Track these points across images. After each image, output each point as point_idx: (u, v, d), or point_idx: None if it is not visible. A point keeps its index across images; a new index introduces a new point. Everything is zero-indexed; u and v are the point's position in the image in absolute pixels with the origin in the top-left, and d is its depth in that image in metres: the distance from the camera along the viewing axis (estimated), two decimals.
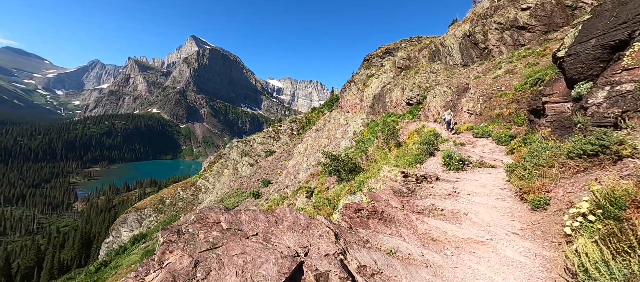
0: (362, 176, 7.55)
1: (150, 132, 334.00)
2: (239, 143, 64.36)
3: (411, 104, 30.41)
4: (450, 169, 6.86)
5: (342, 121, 40.40)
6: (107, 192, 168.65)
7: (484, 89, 16.17)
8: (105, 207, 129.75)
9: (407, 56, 45.42)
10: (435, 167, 7.10)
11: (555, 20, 27.77)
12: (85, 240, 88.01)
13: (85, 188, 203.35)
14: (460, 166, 6.87)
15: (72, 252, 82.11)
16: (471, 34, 34.64)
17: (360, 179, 7.27)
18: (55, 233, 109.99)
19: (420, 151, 8.07)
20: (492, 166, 6.94)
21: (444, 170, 6.80)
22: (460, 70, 32.84)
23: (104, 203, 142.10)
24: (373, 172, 7.45)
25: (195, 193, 59.50)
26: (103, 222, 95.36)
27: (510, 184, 5.31)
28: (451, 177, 6.22)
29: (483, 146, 9.40)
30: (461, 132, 14.23)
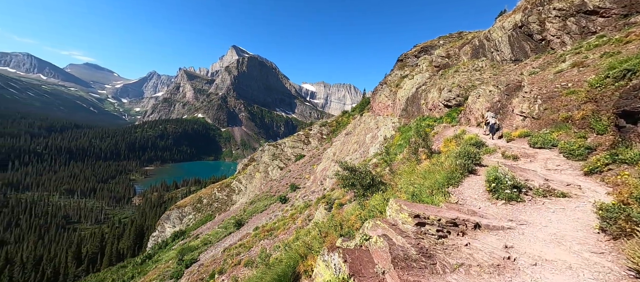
0: (377, 198, 6.05)
1: (196, 135, 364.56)
2: (270, 146, 65.72)
3: (450, 106, 27.28)
4: (498, 197, 4.81)
5: (373, 125, 38.29)
6: (159, 189, 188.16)
7: (542, 87, 13.26)
8: (156, 203, 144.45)
9: (445, 54, 41.54)
10: (476, 194, 5.24)
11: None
12: (138, 232, 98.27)
13: (142, 184, 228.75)
14: (515, 194, 4.72)
15: (128, 242, 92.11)
16: (524, 25, 30.17)
17: (375, 203, 5.79)
18: (117, 224, 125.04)
19: (456, 167, 6.26)
20: (565, 195, 4.75)
21: (488, 199, 4.89)
22: (510, 66, 28.65)
23: (155, 199, 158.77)
24: (390, 193, 5.99)
25: (229, 194, 62.08)
26: (154, 216, 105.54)
27: (612, 242, 3.27)
28: (500, 217, 4.17)
29: (546, 161, 7.13)
30: (512, 140, 11.68)
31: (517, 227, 3.74)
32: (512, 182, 4.77)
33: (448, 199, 4.70)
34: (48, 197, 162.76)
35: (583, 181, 5.51)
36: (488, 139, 13.03)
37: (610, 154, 5.61)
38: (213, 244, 33.88)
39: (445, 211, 3.81)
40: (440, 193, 5.03)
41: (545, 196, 4.66)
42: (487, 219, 3.97)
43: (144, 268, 41.02)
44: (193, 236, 47.32)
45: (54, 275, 74.98)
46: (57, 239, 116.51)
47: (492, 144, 10.85)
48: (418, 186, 5.73)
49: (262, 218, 34.32)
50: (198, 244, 36.64)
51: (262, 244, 15.77)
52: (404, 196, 5.37)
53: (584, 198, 4.64)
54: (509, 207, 4.62)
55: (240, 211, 47.36)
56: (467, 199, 5.00)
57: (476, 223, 3.59)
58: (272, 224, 21.79)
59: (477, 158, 7.03)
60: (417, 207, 3.54)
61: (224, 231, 38.22)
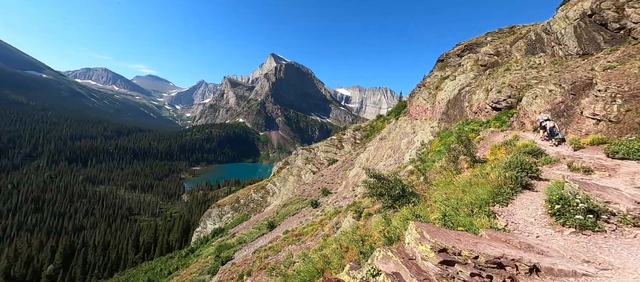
0: (401, 215, 5.21)
1: (237, 139, 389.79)
2: (303, 150, 66.57)
3: (499, 108, 24.31)
4: (565, 224, 3.62)
5: (409, 130, 36.12)
6: (204, 188, 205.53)
7: (623, 83, 10.86)
8: (201, 200, 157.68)
9: (494, 51, 37.56)
10: (532, 217, 4.04)
11: None
12: (185, 226, 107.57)
13: (190, 183, 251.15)
14: (590, 222, 3.47)
15: (176, 235, 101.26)
16: (595, 13, 25.83)
17: (397, 222, 4.94)
18: (169, 218, 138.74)
19: (505, 180, 5.08)
20: None
21: (550, 225, 3.70)
22: (577, 61, 24.52)
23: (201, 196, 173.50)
24: (421, 207, 5.12)
25: (264, 196, 64.25)
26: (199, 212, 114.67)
27: None
28: (570, 254, 2.91)
29: (632, 176, 5.48)
30: (581, 148, 9.66)
31: (598, 272, 2.53)
32: (586, 204, 3.56)
33: (492, 223, 3.71)
34: (116, 190, 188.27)
35: None
36: (548, 146, 11.01)
37: None
38: (247, 244, 35.10)
39: (486, 244, 2.79)
40: (482, 214, 4.05)
41: (638, 226, 3.38)
42: (549, 257, 2.82)
43: (186, 261, 44.33)
44: (230, 234, 49.87)
45: (117, 260, 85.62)
46: (122, 227, 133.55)
47: (554, 152, 9.04)
48: (454, 201, 4.77)
49: (293, 221, 34.60)
50: (234, 243, 38.35)
51: (289, 249, 15.62)
52: (436, 214, 4.50)
53: None
54: (582, 239, 3.36)
55: (273, 213, 48.60)
56: (520, 223, 3.89)
57: (533, 265, 2.45)
58: (302, 229, 21.61)
59: (534, 170, 5.73)
60: (445, 236, 2.64)
61: (258, 232, 39.46)
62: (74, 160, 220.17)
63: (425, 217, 4.59)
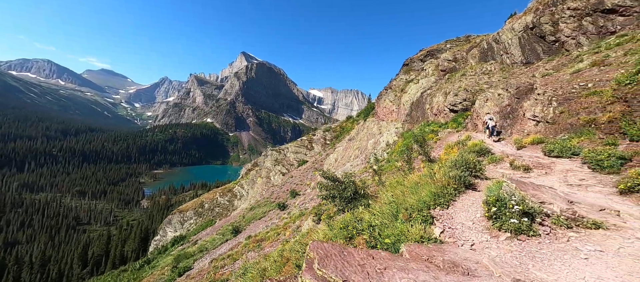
0: (348, 217, 4.81)
1: (204, 140, 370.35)
2: (273, 151, 65.03)
3: (456, 110, 25.76)
4: (501, 228, 3.51)
5: (375, 130, 36.92)
6: (167, 192, 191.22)
7: (557, 88, 11.81)
8: (164, 205, 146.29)
9: (452, 57, 40.03)
10: (470, 220, 3.92)
11: None
12: (144, 235, 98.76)
13: (151, 187, 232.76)
14: (525, 224, 3.36)
15: (133, 245, 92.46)
16: (535, 26, 28.61)
17: (343, 223, 4.53)
18: (125, 226, 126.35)
19: (449, 181, 4.98)
20: (599, 225, 3.36)
21: (487, 230, 3.57)
22: (521, 69, 27.01)
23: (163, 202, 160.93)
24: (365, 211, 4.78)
25: (231, 199, 61.39)
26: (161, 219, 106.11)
27: None
28: (499, 273, 2.55)
29: (565, 173, 5.76)
30: (524, 147, 10.27)
31: None
32: (521, 206, 3.44)
33: (426, 232, 3.43)
34: (61, 198, 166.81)
35: (620, 203, 4.16)
36: (496, 145, 11.62)
37: None
38: (208, 252, 32.97)
39: (396, 271, 2.16)
40: (419, 218, 3.79)
41: (570, 227, 3.31)
42: (476, 277, 2.41)
43: (140, 274, 40.39)
44: (192, 241, 46.67)
45: (59, 276, 75.61)
46: (67, 240, 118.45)
47: (500, 151, 9.47)
48: (393, 206, 4.49)
49: (259, 225, 33.29)
50: (194, 251, 35.83)
51: (248, 256, 14.67)
52: (375, 218, 4.16)
53: (630, 233, 3.24)
54: (516, 247, 3.22)
55: (239, 217, 46.51)
56: (457, 228, 3.70)
57: (466, 271, 2.12)
58: (264, 234, 20.65)
59: (478, 169, 5.75)
60: (345, 261, 1.96)
61: (221, 238, 37.37)
62: (5, 164, 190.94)
63: (367, 221, 4.24)
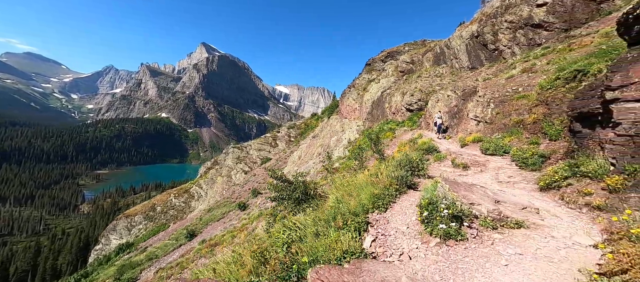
0: (287, 224, 4.49)
1: (159, 136, 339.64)
2: (234, 149, 62.18)
3: (412, 110, 27.20)
4: (432, 232, 3.48)
5: (338, 128, 37.40)
6: (113, 195, 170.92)
7: (495, 91, 12.94)
8: (110, 210, 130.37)
9: (410, 60, 42.33)
10: (405, 225, 3.90)
11: (577, 16, 24.50)
12: (83, 244, 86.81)
13: (93, 190, 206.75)
14: (453, 229, 3.37)
15: (69, 257, 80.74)
16: (479, 35, 31.52)
17: (280, 229, 4.19)
18: (60, 235, 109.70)
19: (392, 182, 4.97)
20: (521, 224, 3.52)
21: (420, 235, 3.56)
22: (467, 73, 29.58)
23: (109, 206, 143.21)
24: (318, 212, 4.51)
25: (188, 200, 57.18)
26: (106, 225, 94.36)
27: None
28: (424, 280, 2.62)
29: (497, 171, 6.23)
30: (466, 145, 11.03)
31: None
32: (451, 210, 3.51)
33: (356, 244, 3.26)
34: None
35: (540, 199, 4.53)
36: (443, 143, 12.36)
37: (569, 165, 4.72)
38: (158, 259, 30.18)
39: None
40: (353, 225, 3.62)
41: (496, 228, 3.46)
42: None
43: None
44: (140, 248, 42.37)
45: None
46: None
47: (445, 149, 10.02)
48: (331, 211, 4.29)
49: (217, 227, 31.45)
50: (142, 259, 32.50)
51: (199, 263, 13.52)
52: (314, 225, 3.89)
53: (546, 231, 3.53)
54: (443, 252, 3.23)
55: (196, 219, 43.55)
56: (391, 235, 3.62)
57: None
58: (220, 237, 19.42)
59: (421, 168, 5.87)
60: None
61: (174, 243, 34.53)
62: None
63: (300, 228, 3.95)
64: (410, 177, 5.28)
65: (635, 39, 4.01)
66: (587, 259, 2.70)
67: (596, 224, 3.41)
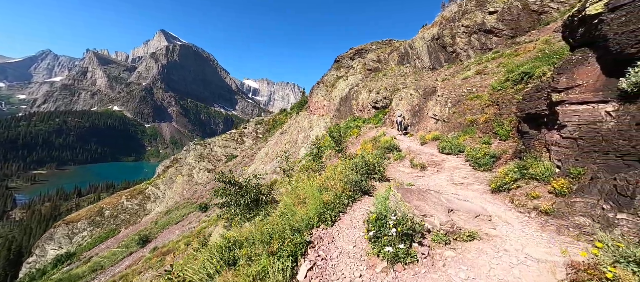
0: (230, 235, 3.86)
1: (111, 131, 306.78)
2: (196, 146, 58.34)
3: (377, 107, 27.72)
4: (380, 254, 3.06)
5: (306, 124, 36.89)
6: (54, 198, 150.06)
7: (452, 91, 13.43)
8: (49, 215, 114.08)
9: (377, 58, 43.27)
10: (352, 242, 3.51)
11: (522, 25, 26.85)
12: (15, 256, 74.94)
13: (27, 193, 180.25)
14: (403, 252, 2.96)
15: None
16: (439, 37, 33.20)
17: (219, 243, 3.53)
18: None
19: (345, 187, 4.58)
20: (474, 236, 3.34)
21: (367, 255, 3.17)
22: (429, 73, 31.03)
23: (48, 210, 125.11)
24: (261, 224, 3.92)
25: (143, 202, 52.27)
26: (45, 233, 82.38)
27: None
28: None
29: (452, 171, 6.25)
30: (426, 143, 11.24)
31: None
32: (401, 227, 3.13)
33: (294, 269, 2.76)
34: None
35: (491, 203, 4.50)
36: (405, 140, 12.50)
37: (518, 167, 4.77)
38: (104, 270, 26.99)
39: None
40: (289, 248, 3.08)
41: (448, 243, 3.23)
42: None
43: None
44: (84, 259, 37.70)
45: None
46: None
47: (406, 147, 10.06)
48: (270, 228, 3.73)
49: (175, 231, 29.06)
50: (85, 271, 28.84)
51: (144, 277, 11.97)
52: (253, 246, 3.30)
53: (499, 243, 3.37)
54: (390, 279, 2.85)
55: (152, 223, 39.97)
56: (334, 258, 3.18)
57: None
58: (174, 244, 17.74)
59: (378, 171, 5.59)
60: None
61: (124, 251, 31.23)
62: None
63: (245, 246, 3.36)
64: (365, 182, 4.92)
65: (579, 42, 4.11)
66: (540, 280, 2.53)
67: (545, 231, 3.37)
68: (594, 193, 3.24)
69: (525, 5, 26.69)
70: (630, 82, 3.35)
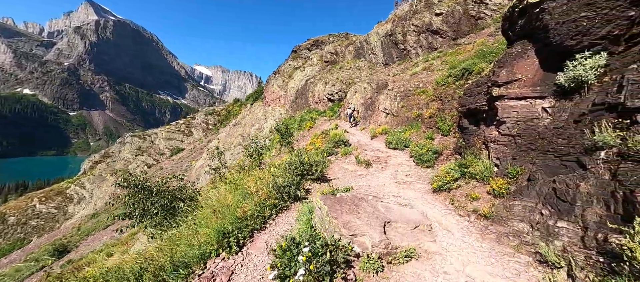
0: None
1: (21, 119, 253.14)
2: (134, 138, 51.34)
3: (333, 100, 27.56)
4: None
5: (260, 116, 35.09)
6: None
7: (401, 86, 13.62)
8: None
9: (334, 51, 43.21)
10: (258, 275, 2.74)
11: (462, 28, 29.18)
12: None
13: None
14: None
15: None
16: (392, 34, 34.38)
17: None
18: None
19: (269, 194, 3.75)
20: (411, 254, 2.91)
21: None
22: (382, 68, 32.02)
23: None
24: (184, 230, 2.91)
25: (63, 205, 44.11)
26: None
27: None
28: None
29: (397, 168, 6.02)
30: (376, 137, 11.12)
31: None
32: (316, 262, 2.39)
33: None
34: None
35: (432, 205, 4.26)
36: (356, 134, 12.29)
37: (459, 165, 4.62)
38: None
39: None
40: None
41: (381, 270, 2.65)
42: None
43: None
44: None
45: None
46: None
47: (356, 141, 9.75)
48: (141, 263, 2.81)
49: (102, 238, 25.04)
50: None
51: None
52: None
53: (438, 263, 2.99)
54: None
55: (73, 229, 34.03)
56: None
57: None
58: (94, 255, 14.92)
59: (314, 171, 4.92)
60: None
61: (33, 266, 25.95)
62: None
63: None
64: (294, 188, 4.11)
65: (519, 34, 4.02)
66: None
67: (485, 240, 3.13)
68: (533, 196, 3.11)
69: (466, 11, 29.01)
70: (567, 76, 3.29)
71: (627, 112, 2.80)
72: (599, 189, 2.48)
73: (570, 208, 2.69)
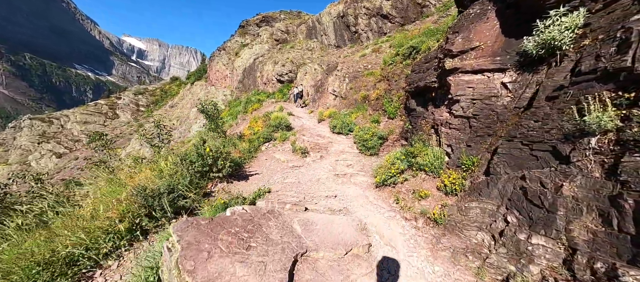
0: None
1: None
2: (35, 121, 41.39)
3: (283, 81, 25.89)
4: None
5: (202, 97, 31.30)
6: None
7: (350, 67, 12.93)
8: None
9: (285, 29, 40.68)
10: None
11: (409, 15, 30.01)
12: None
13: None
14: None
15: None
16: (344, 15, 33.66)
17: None
18: None
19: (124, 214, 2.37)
20: None
21: None
22: (334, 50, 31.31)
23: None
24: None
25: None
26: None
27: None
28: None
29: (337, 157, 5.23)
30: (323, 120, 10.28)
31: None
32: None
33: None
34: None
35: (374, 205, 3.54)
36: (304, 116, 11.28)
37: (406, 155, 3.97)
38: None
39: None
40: None
41: None
42: None
43: None
44: None
45: None
46: None
47: (299, 125, 8.72)
48: None
49: None
50: None
51: None
52: None
53: None
54: None
55: None
56: None
57: None
58: None
59: (222, 166, 3.67)
60: None
61: None
62: None
63: None
64: (173, 199, 2.69)
65: None
66: None
67: (437, 259, 2.46)
68: (494, 196, 2.51)
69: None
70: (537, 41, 2.70)
71: (635, 81, 2.06)
72: (589, 192, 1.90)
73: (548, 218, 2.05)
